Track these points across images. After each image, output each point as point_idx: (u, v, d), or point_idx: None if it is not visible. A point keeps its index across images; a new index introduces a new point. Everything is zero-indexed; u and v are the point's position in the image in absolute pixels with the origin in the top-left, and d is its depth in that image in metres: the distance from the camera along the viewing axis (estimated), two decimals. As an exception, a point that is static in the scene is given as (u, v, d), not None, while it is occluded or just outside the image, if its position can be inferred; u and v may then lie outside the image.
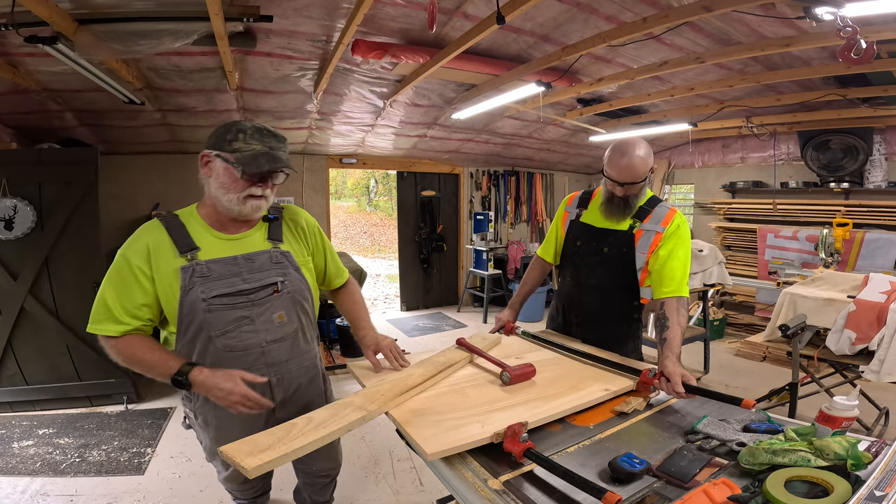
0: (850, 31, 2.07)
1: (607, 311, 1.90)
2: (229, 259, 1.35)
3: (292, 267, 1.45)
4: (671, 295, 1.68)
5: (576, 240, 1.94)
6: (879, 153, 4.65)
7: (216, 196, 1.35)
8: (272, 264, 1.41)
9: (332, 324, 4.84)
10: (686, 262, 1.74)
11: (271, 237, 1.45)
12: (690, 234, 1.83)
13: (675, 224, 1.75)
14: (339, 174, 15.80)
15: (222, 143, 1.30)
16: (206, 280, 1.31)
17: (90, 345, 3.34)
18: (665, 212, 1.78)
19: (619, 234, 1.82)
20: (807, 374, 2.90)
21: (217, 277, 1.33)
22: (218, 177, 1.32)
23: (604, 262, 1.86)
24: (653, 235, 1.76)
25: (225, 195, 1.33)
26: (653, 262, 1.75)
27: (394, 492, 2.52)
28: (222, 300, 1.32)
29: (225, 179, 1.31)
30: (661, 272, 1.71)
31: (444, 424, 1.18)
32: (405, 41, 3.20)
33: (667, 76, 3.76)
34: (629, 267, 1.80)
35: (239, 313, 1.35)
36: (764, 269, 5.12)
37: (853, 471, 0.92)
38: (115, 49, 2.53)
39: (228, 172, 1.30)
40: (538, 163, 7.09)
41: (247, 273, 1.37)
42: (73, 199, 3.21)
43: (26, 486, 2.47)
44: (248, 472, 0.94)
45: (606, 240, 1.85)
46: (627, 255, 1.80)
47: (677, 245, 1.73)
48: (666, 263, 1.71)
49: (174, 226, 1.33)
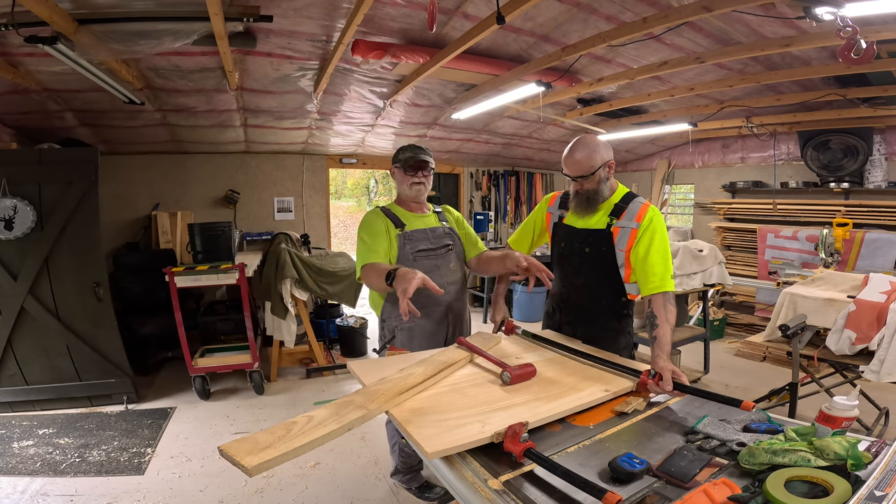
0: (850, 31, 2.07)
1: (595, 309, 1.94)
2: (422, 230, 2.13)
3: (456, 236, 2.23)
4: (656, 290, 1.70)
5: (560, 241, 2.00)
6: (879, 153, 4.64)
7: (399, 188, 2.19)
8: (444, 234, 2.19)
9: (332, 324, 4.84)
10: (665, 254, 1.76)
11: (441, 220, 2.24)
12: (665, 226, 1.85)
13: (648, 218, 1.77)
14: (339, 174, 15.78)
15: (395, 158, 2.17)
16: (411, 241, 2.08)
17: (90, 345, 3.34)
18: (638, 207, 1.81)
19: (597, 233, 1.85)
20: (807, 374, 2.90)
21: (417, 240, 2.10)
22: (398, 177, 2.17)
23: (587, 263, 1.89)
24: (629, 232, 1.78)
25: (400, 185, 2.17)
26: (633, 259, 1.78)
27: (394, 492, 2.52)
28: (421, 253, 2.09)
29: (400, 177, 2.16)
30: (643, 268, 1.74)
31: (445, 424, 1.17)
32: (405, 41, 3.19)
33: (667, 76, 3.76)
34: (611, 265, 1.83)
35: (432, 262, 2.09)
36: (764, 269, 5.12)
37: (853, 471, 0.92)
38: (115, 49, 2.53)
39: (399, 172, 2.14)
40: (538, 163, 7.09)
41: (432, 238, 2.14)
42: (73, 199, 3.21)
43: (26, 486, 2.47)
44: (249, 470, 0.94)
45: (587, 240, 1.88)
46: (607, 253, 1.83)
47: (654, 239, 1.75)
48: (646, 259, 1.73)
49: (389, 213, 2.13)
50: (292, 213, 5.55)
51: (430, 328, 2.09)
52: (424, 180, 2.14)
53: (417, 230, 2.11)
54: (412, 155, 2.12)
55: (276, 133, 4.76)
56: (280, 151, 5.35)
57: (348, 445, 2.94)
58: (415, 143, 2.19)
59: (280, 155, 5.39)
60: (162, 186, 4.87)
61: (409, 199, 2.18)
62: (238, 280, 3.54)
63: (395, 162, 2.17)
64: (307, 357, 4.33)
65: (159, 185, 4.87)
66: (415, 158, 2.10)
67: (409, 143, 2.19)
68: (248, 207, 5.29)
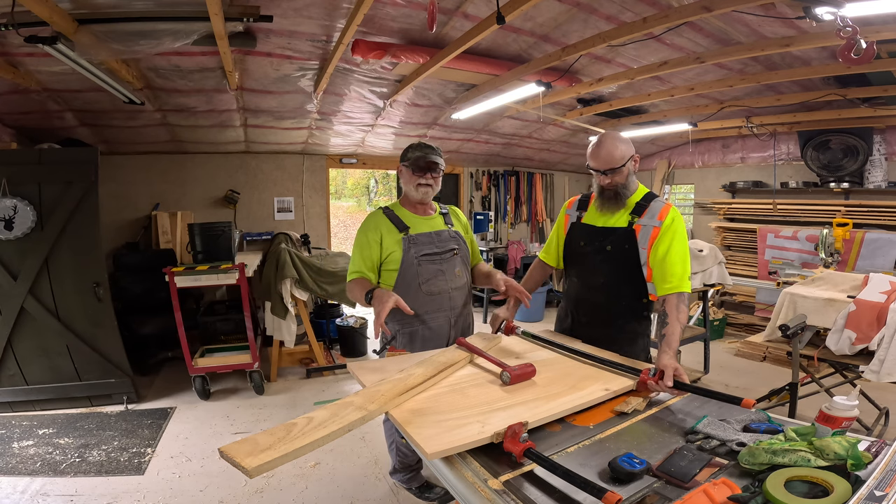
0: (850, 31, 2.07)
1: (615, 309, 1.92)
2: (427, 234, 2.06)
3: (461, 240, 2.16)
4: (672, 291, 1.71)
5: (579, 240, 1.98)
6: (879, 153, 4.64)
7: (405, 188, 2.09)
8: (450, 237, 2.11)
9: (332, 324, 4.84)
10: (685, 256, 1.76)
11: (447, 223, 2.15)
12: (686, 229, 1.86)
13: (671, 217, 1.78)
14: (339, 174, 15.77)
15: (404, 156, 2.07)
16: (415, 245, 2.01)
17: (90, 345, 3.34)
18: (661, 206, 1.81)
19: (619, 231, 1.85)
20: (807, 374, 2.89)
21: (421, 244, 2.03)
22: (404, 177, 2.07)
23: (608, 260, 1.88)
24: (651, 230, 1.78)
25: (406, 186, 2.07)
26: (652, 258, 1.77)
27: (394, 492, 2.52)
28: (425, 257, 2.02)
29: (407, 177, 2.05)
30: (661, 268, 1.74)
31: (445, 424, 1.17)
32: (405, 41, 3.19)
33: (667, 76, 3.76)
34: (634, 263, 1.82)
35: (436, 266, 2.04)
36: (764, 269, 5.11)
37: (853, 471, 0.92)
38: (115, 49, 2.53)
39: (407, 171, 2.04)
40: (538, 163, 7.09)
41: (438, 242, 2.07)
42: (73, 199, 3.21)
43: (26, 486, 2.47)
44: (249, 472, 0.94)
45: (608, 238, 1.87)
46: (630, 251, 1.82)
47: (674, 240, 1.75)
48: (665, 259, 1.74)
49: (392, 215, 2.05)
50: (292, 213, 5.55)
51: (432, 334, 2.05)
52: (433, 182, 2.04)
53: (422, 234, 2.04)
54: (422, 154, 2.00)
55: (276, 133, 4.76)
56: (280, 151, 5.35)
57: (348, 445, 2.94)
58: (424, 143, 2.07)
59: (280, 155, 5.40)
60: (162, 186, 4.87)
61: (415, 200, 2.09)
62: (238, 280, 3.54)
63: (403, 160, 2.07)
64: (307, 357, 4.33)
65: (159, 185, 4.87)
66: (425, 159, 2.00)
67: (419, 143, 2.06)
68: (248, 207, 5.29)
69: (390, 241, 2.00)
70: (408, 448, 2.35)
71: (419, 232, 2.04)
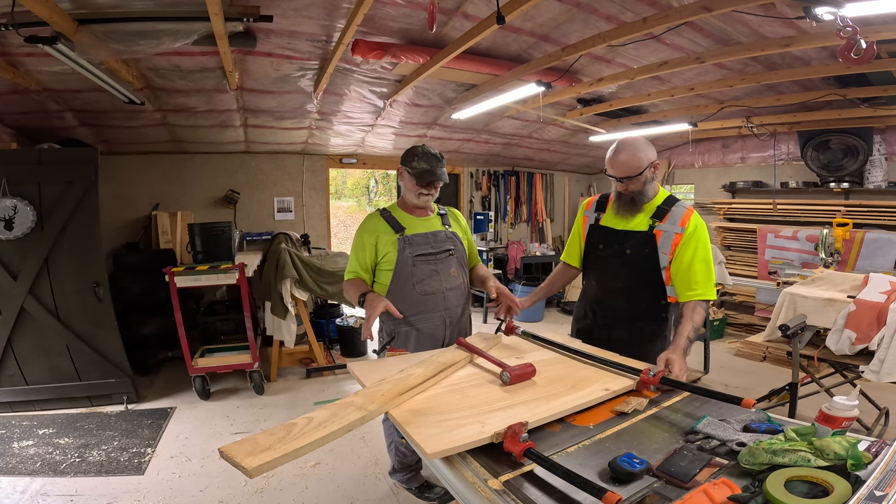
0: (850, 31, 2.06)
1: (634, 311, 1.92)
2: (422, 234, 2.07)
3: (458, 241, 2.17)
4: (697, 298, 1.74)
5: (598, 243, 1.98)
6: (879, 153, 4.64)
7: (405, 192, 2.12)
8: (446, 238, 2.13)
9: (332, 324, 4.84)
10: (709, 263, 1.77)
11: (444, 224, 2.17)
12: (709, 234, 1.86)
13: (693, 224, 1.78)
14: (339, 174, 15.77)
15: (408, 161, 2.04)
16: (411, 245, 2.03)
17: (90, 345, 3.34)
18: (682, 212, 1.81)
19: (639, 234, 1.84)
20: (807, 374, 2.89)
21: (417, 244, 2.05)
22: (405, 181, 2.08)
23: (627, 264, 1.87)
24: (672, 236, 1.78)
25: (407, 190, 2.10)
26: (676, 265, 1.77)
27: (393, 492, 2.52)
28: (420, 257, 2.04)
29: (409, 184, 2.07)
30: (686, 276, 1.75)
31: (445, 424, 1.17)
32: (405, 41, 3.19)
33: (667, 76, 3.76)
34: (653, 267, 1.82)
35: (431, 267, 2.05)
36: (764, 269, 5.11)
37: (853, 471, 0.92)
38: (115, 49, 2.53)
39: (410, 180, 2.04)
40: (538, 163, 7.09)
41: (433, 242, 2.09)
42: (73, 199, 3.21)
43: (26, 486, 2.47)
44: (249, 472, 0.94)
45: (628, 241, 1.87)
46: (650, 255, 1.81)
47: (698, 247, 1.76)
48: (691, 266, 1.75)
49: (388, 217, 2.07)
50: (292, 213, 5.55)
51: (426, 334, 2.08)
52: (434, 192, 2.08)
53: (418, 234, 2.06)
54: (429, 169, 1.99)
55: (276, 133, 4.76)
56: (280, 151, 5.35)
57: (348, 445, 2.94)
58: (431, 151, 2.05)
59: (280, 155, 5.40)
60: (162, 186, 4.87)
61: (413, 205, 2.11)
62: (238, 280, 3.54)
63: (405, 164, 2.05)
64: (307, 357, 4.34)
65: (159, 185, 4.87)
66: (432, 174, 2.00)
67: (425, 150, 2.04)
68: (248, 207, 5.29)
69: (386, 243, 2.03)
70: (407, 448, 2.35)
71: (415, 232, 2.06)
